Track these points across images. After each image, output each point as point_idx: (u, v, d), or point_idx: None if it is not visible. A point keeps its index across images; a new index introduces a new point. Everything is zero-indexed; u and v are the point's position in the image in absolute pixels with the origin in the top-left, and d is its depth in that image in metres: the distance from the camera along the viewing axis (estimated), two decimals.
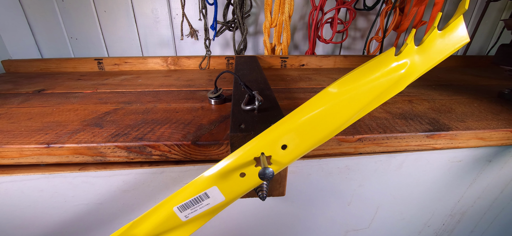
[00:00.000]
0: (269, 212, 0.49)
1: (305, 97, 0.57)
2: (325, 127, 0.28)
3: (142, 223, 0.31)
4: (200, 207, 0.31)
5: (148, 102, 0.55)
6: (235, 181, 0.30)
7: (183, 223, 0.32)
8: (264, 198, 0.33)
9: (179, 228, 0.32)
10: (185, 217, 0.31)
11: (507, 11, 1.08)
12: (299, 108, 0.28)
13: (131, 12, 0.91)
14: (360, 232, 0.56)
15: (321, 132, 0.28)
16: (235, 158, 0.29)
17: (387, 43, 1.09)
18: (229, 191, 0.30)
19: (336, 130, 0.28)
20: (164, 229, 0.32)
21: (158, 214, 0.31)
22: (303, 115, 0.28)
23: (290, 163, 0.30)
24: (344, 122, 0.27)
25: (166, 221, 0.31)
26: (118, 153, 0.38)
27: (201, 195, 0.30)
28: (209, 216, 0.32)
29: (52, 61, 0.88)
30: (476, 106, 0.53)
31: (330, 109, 0.27)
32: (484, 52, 1.17)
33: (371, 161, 0.45)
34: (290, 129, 0.28)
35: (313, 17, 0.91)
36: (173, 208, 0.31)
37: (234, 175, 0.30)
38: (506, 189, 0.55)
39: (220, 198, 0.31)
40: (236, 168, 0.29)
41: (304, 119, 0.28)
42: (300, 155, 0.30)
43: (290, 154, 0.29)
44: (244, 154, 0.29)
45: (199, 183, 0.30)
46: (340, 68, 0.94)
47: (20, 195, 0.40)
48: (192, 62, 0.91)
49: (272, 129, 0.29)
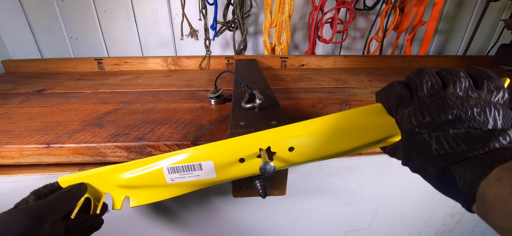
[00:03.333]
0: (269, 212, 0.49)
1: (305, 97, 0.57)
2: (339, 144, 0.28)
3: (128, 168, 0.31)
4: (189, 175, 0.30)
5: (148, 102, 0.55)
6: (233, 164, 0.30)
7: (166, 184, 0.31)
8: (265, 196, 0.33)
9: (160, 188, 0.32)
10: (171, 180, 0.31)
11: (507, 11, 1.08)
12: (321, 118, 0.28)
13: (131, 12, 0.91)
14: (360, 232, 0.56)
15: (332, 148, 0.28)
16: (241, 142, 0.29)
17: (387, 43, 1.09)
18: (223, 170, 0.30)
19: (346, 151, 0.28)
20: (145, 183, 0.31)
21: (146, 167, 0.31)
22: (322, 126, 0.28)
23: (291, 166, 0.30)
24: (356, 146, 0.28)
25: (151, 176, 0.31)
26: (118, 153, 0.38)
27: (194, 165, 0.30)
28: (193, 188, 0.31)
29: (52, 61, 0.88)
30: None
31: (352, 129, 0.27)
32: (484, 52, 1.17)
33: (371, 161, 0.45)
34: (303, 134, 0.28)
35: (313, 17, 0.91)
36: (163, 167, 0.30)
37: (233, 157, 0.29)
38: None
39: (212, 175, 0.30)
40: (239, 151, 0.29)
41: (322, 130, 0.28)
42: (303, 162, 0.30)
43: (295, 158, 0.29)
44: (251, 140, 0.29)
45: (198, 152, 0.29)
46: (340, 68, 0.94)
47: (20, 195, 0.39)
48: (192, 62, 0.91)
49: (285, 128, 0.29)
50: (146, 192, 0.32)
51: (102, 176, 0.32)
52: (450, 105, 0.19)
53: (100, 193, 0.33)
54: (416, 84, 0.21)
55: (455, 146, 0.18)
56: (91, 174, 0.32)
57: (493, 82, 0.20)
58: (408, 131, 0.21)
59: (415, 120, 0.20)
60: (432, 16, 0.95)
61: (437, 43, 1.13)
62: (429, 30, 0.98)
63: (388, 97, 0.24)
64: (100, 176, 0.32)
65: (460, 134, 0.18)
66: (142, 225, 0.47)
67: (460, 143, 0.18)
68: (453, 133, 0.18)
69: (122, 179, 0.31)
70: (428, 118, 0.19)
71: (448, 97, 0.20)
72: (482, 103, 0.19)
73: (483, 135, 0.18)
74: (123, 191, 0.32)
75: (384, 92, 0.25)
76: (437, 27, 1.09)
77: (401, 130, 0.22)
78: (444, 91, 0.20)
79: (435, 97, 0.20)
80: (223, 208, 0.48)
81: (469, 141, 0.18)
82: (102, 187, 0.32)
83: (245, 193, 0.38)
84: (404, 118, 0.21)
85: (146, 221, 0.47)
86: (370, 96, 0.59)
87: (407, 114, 0.21)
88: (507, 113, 0.19)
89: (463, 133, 0.18)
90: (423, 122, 0.19)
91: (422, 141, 0.19)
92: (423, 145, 0.19)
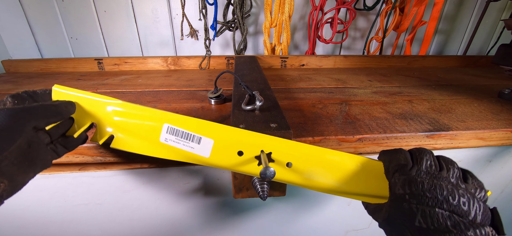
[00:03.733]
0: (269, 212, 0.49)
1: (305, 97, 0.57)
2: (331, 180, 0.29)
3: (128, 108, 0.30)
4: (184, 144, 0.29)
5: (148, 102, 0.55)
6: (230, 153, 0.29)
7: (157, 142, 0.30)
8: (265, 198, 0.32)
9: (149, 143, 0.30)
10: (165, 140, 0.29)
11: (507, 11, 1.08)
12: (325, 150, 0.29)
13: (131, 12, 0.91)
14: (360, 232, 0.56)
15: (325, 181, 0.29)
16: (246, 136, 0.29)
17: (387, 43, 1.09)
18: (217, 155, 0.29)
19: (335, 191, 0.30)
20: (138, 131, 0.30)
21: (146, 116, 0.29)
22: (324, 157, 0.29)
23: (283, 181, 0.30)
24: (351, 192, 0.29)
25: (147, 127, 0.29)
26: (118, 152, 0.38)
27: (195, 136, 0.29)
28: (180, 158, 0.30)
29: (52, 61, 0.88)
30: (476, 106, 0.53)
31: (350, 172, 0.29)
32: (484, 52, 1.17)
33: None
34: (305, 156, 0.29)
35: (313, 17, 0.91)
36: (165, 123, 0.29)
37: (234, 147, 0.29)
38: (506, 189, 0.55)
39: (205, 153, 0.29)
40: (241, 144, 0.29)
41: (322, 159, 0.29)
42: (294, 183, 0.30)
43: (289, 175, 0.30)
44: (255, 140, 0.29)
45: (204, 126, 0.29)
46: (340, 68, 0.94)
47: (20, 195, 0.40)
48: (192, 62, 0.91)
49: (290, 142, 0.29)
50: (133, 140, 0.30)
51: (99, 105, 0.30)
52: (442, 187, 0.21)
53: (86, 120, 0.30)
54: (417, 159, 0.24)
55: (436, 224, 0.20)
56: (89, 97, 0.29)
57: (478, 182, 0.23)
58: (398, 196, 0.23)
59: (408, 188, 0.22)
60: (432, 16, 0.95)
61: (437, 43, 1.13)
62: (429, 30, 0.98)
63: (390, 159, 0.26)
64: (97, 103, 0.30)
65: (444, 215, 0.20)
66: (143, 224, 0.47)
67: (442, 223, 0.20)
68: (438, 212, 0.20)
69: (118, 117, 0.30)
70: (421, 191, 0.21)
71: (442, 180, 0.22)
72: (468, 195, 0.21)
73: (463, 223, 0.20)
74: (112, 128, 0.30)
75: (388, 153, 0.27)
76: (437, 27, 1.09)
77: (392, 193, 0.24)
78: (439, 173, 0.23)
79: (431, 176, 0.22)
80: (224, 209, 0.48)
81: (450, 223, 0.20)
82: (93, 115, 0.30)
83: (245, 194, 0.38)
84: (398, 183, 0.23)
85: (147, 220, 0.47)
86: (370, 96, 0.59)
87: (403, 181, 0.23)
88: (486, 212, 0.21)
89: (447, 215, 0.20)
90: (414, 193, 0.22)
91: (408, 209, 0.21)
92: (409, 213, 0.21)
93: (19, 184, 0.24)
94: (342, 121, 0.45)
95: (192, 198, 0.45)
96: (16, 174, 0.23)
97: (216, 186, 0.44)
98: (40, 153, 0.26)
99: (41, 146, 0.26)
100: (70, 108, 0.28)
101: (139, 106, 0.30)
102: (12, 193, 0.23)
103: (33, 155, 0.24)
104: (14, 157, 0.22)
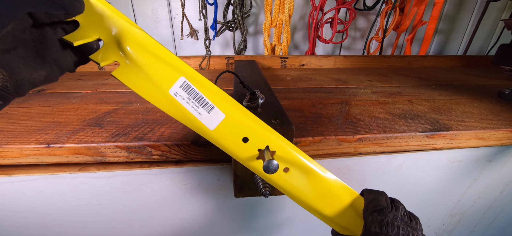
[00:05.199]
0: (269, 211, 0.49)
1: (305, 97, 0.57)
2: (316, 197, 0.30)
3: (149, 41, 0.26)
4: (192, 106, 0.27)
5: (148, 102, 0.54)
6: (235, 135, 0.28)
7: (164, 92, 0.26)
8: (267, 195, 0.32)
9: (155, 88, 0.26)
10: (174, 93, 0.26)
11: (507, 11, 1.08)
12: (321, 168, 0.30)
13: (131, 12, 0.90)
14: None
15: (312, 198, 0.30)
16: (256, 124, 0.28)
17: (387, 43, 1.09)
18: (223, 131, 0.28)
19: (313, 209, 0.31)
20: (150, 71, 0.25)
21: (167, 58, 0.26)
22: (321, 177, 0.30)
23: (276, 185, 0.30)
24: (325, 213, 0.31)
25: (161, 71, 0.26)
26: (118, 153, 0.38)
27: (208, 102, 0.26)
28: (181, 119, 0.27)
29: None
30: (476, 106, 0.53)
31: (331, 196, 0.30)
32: (484, 52, 1.17)
33: (371, 161, 0.45)
34: (304, 167, 0.29)
35: (313, 17, 0.91)
36: (181, 76, 0.26)
37: (241, 131, 0.27)
38: (506, 189, 0.55)
39: (210, 125, 0.27)
40: (249, 130, 0.27)
41: (321, 180, 0.30)
42: (282, 188, 0.30)
43: (283, 180, 0.29)
44: (263, 131, 0.28)
45: (222, 98, 0.27)
46: (340, 68, 0.94)
47: (20, 195, 0.40)
48: (192, 62, 0.91)
49: (298, 150, 0.29)
50: (140, 78, 0.26)
51: (116, 21, 0.25)
52: (414, 234, 0.25)
53: (93, 32, 0.25)
54: (398, 207, 0.27)
55: None
56: (105, 7, 0.24)
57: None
58: (372, 233, 0.25)
59: (384, 229, 0.24)
60: (432, 16, 0.95)
61: (437, 43, 1.13)
62: (429, 30, 0.98)
63: (371, 199, 0.28)
64: (113, 17, 0.24)
65: None
66: (143, 225, 0.47)
67: None
68: None
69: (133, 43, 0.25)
70: (395, 235, 0.24)
71: (413, 229, 0.25)
72: None
73: None
74: (121, 53, 0.25)
75: (372, 193, 0.29)
76: (437, 27, 1.09)
77: (366, 230, 0.26)
78: (410, 223, 0.26)
79: (405, 224, 0.26)
80: (224, 209, 0.48)
81: None
82: (104, 28, 0.25)
83: (246, 193, 0.38)
84: (375, 222, 0.25)
85: (147, 221, 0.47)
86: (370, 96, 0.59)
87: (380, 221, 0.25)
88: None
89: None
90: (389, 235, 0.25)
91: None
92: None
93: (25, 80, 0.21)
94: (342, 121, 0.45)
95: (192, 198, 0.45)
96: (18, 66, 0.20)
97: (216, 186, 0.44)
98: (47, 46, 0.22)
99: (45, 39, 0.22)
100: (77, 5, 0.22)
101: (162, 46, 0.26)
102: (17, 88, 0.21)
103: (37, 47, 0.21)
104: (8, 44, 0.19)
